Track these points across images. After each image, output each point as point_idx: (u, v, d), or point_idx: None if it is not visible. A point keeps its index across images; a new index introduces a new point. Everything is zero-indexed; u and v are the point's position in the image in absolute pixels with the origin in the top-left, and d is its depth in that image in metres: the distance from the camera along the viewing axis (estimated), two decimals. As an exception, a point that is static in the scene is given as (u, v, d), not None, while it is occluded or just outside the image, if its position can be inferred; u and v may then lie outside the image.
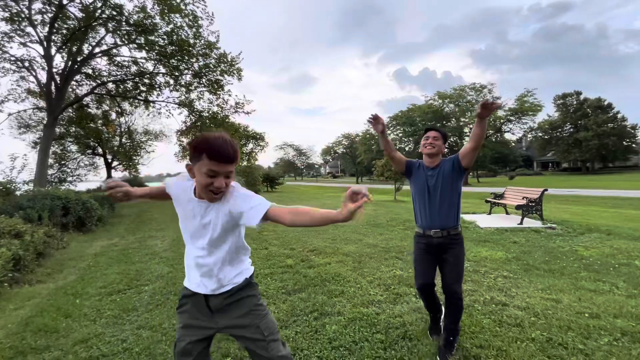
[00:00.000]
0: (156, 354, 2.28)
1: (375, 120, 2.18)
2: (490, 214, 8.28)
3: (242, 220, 1.29)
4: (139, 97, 16.68)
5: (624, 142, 40.84)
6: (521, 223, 6.59)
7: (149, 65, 15.14)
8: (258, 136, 30.61)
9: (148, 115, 21.77)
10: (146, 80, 15.81)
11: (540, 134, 45.04)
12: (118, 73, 15.15)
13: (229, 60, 15.77)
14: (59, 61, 13.74)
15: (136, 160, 25.34)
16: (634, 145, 42.14)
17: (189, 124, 17.21)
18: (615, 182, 24.70)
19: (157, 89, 15.99)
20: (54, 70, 12.76)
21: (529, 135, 44.72)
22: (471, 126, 34.25)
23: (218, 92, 16.51)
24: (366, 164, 47.70)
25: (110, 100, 18.20)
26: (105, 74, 15.06)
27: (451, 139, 35.66)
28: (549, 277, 3.60)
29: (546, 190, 7.07)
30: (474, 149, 2.07)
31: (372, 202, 2.71)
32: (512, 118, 32.21)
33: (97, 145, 23.34)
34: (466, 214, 8.53)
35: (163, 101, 16.57)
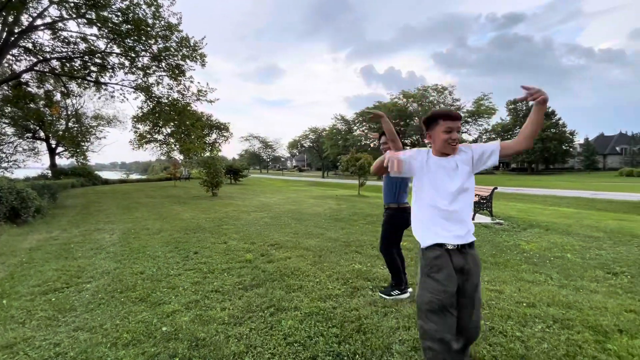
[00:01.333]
0: (94, 358, 2.10)
1: (375, 117, 2.44)
2: (446, 209, 8.72)
3: (481, 162, 1.68)
4: (88, 78, 15.28)
5: (564, 147, 45.09)
6: (473, 218, 7.01)
7: (101, 44, 13.91)
8: (222, 126, 29.55)
9: (99, 98, 20.10)
10: (97, 60, 14.51)
11: (493, 136, 48.23)
12: (64, 50, 13.72)
13: (192, 44, 14.94)
14: (-10, 31, 12.14)
15: (85, 147, 23.36)
16: (571, 150, 46.73)
17: (146, 110, 16.13)
18: (555, 182, 27.23)
19: (110, 71, 14.76)
20: (-15, 41, 11.26)
21: (484, 137, 47.73)
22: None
23: (179, 78, 15.62)
24: (332, 159, 48.18)
25: (54, 80, 16.50)
26: (48, 49, 13.57)
27: (413, 137, 37.11)
28: (495, 269, 3.85)
29: (496, 188, 7.57)
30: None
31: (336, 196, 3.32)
32: (469, 120, 34.13)
33: (38, 128, 21.16)
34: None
35: (117, 84, 15.35)
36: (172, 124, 17.25)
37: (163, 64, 15.01)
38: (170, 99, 15.94)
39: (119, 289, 3.29)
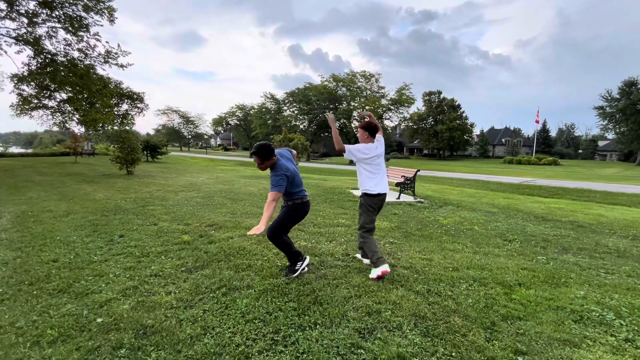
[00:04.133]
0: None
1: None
2: (374, 190, 9.39)
3: None
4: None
5: (465, 136, 52.29)
6: (399, 198, 7.73)
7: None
8: (135, 96, 26.04)
9: (-39, 46, 15.60)
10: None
11: (411, 124, 53.12)
12: None
13: (97, -6, 12.59)
14: None
15: (-61, 109, 18.09)
16: (470, 139, 54.51)
17: (34, 67, 13.19)
18: (458, 167, 31.57)
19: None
20: None
21: (402, 124, 52.21)
22: (359, 110, 37.65)
23: (79, 33, 13.09)
24: (261, 138, 47.00)
25: None
26: None
27: (340, 120, 38.44)
28: (423, 241, 4.36)
29: (419, 170, 8.44)
30: None
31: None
32: (392, 107, 36.75)
33: None
34: (355, 189, 9.45)
35: (-11, 30, 12.12)
36: (69, 88, 14.49)
37: (57, 13, 12.36)
38: (69, 57, 13.31)
39: (26, 280, 2.75)
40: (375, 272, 2.93)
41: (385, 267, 2.91)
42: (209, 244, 3.89)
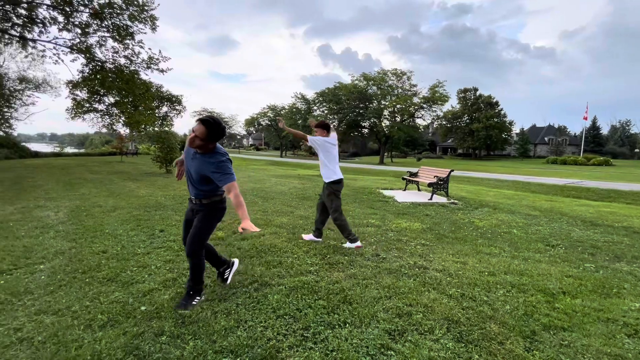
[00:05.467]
0: (67, 341, 1.94)
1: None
2: (405, 190, 9.20)
3: None
4: (11, 32, 13.07)
5: (503, 135, 49.59)
6: (431, 199, 7.51)
7: (27, -8, 11.86)
8: (174, 99, 27.50)
9: (26, 57, 17.37)
10: (22, 11, 12.43)
11: (444, 122, 51.30)
12: (-23, -5, 11.49)
13: (140, 3, 13.44)
14: None
15: (8, 114, 20.27)
16: (509, 138, 51.60)
17: (86, 74, 14.34)
18: (495, 167, 30.01)
19: (40, 25, 12.75)
20: None
21: (436, 123, 50.57)
22: (390, 109, 36.91)
23: (126, 41, 14.03)
24: (291, 139, 47.68)
25: (-36, 31, 13.82)
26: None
27: (371, 119, 37.96)
28: (456, 244, 4.21)
29: (452, 171, 8.15)
30: None
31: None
32: (424, 105, 35.69)
33: (-56, 88, 17.85)
34: (385, 189, 9.31)
35: (49, 42, 13.35)
36: (116, 92, 15.61)
37: (106, 23, 13.34)
38: (116, 64, 14.33)
39: (80, 269, 3.02)
40: (353, 244, 3.80)
41: (359, 243, 3.83)
42: (241, 240, 4.02)
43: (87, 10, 12.75)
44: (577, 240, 4.56)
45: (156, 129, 20.12)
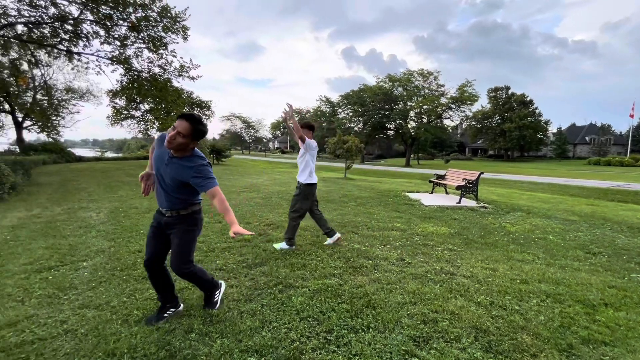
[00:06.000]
0: (107, 334, 2.07)
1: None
2: (432, 193, 8.97)
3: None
4: (59, 47, 14.20)
5: (538, 135, 46.96)
6: (459, 202, 7.27)
7: (73, 10, 12.86)
8: (204, 104, 28.58)
9: (72, 69, 18.77)
10: (69, 27, 13.45)
11: (474, 123, 49.46)
12: (31, 14, 12.59)
13: (173, 15, 14.13)
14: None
15: (56, 122, 22.00)
16: (545, 138, 48.76)
17: (124, 83, 15.27)
18: (529, 169, 28.48)
19: (84, 39, 13.75)
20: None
21: (464, 123, 48.87)
22: (417, 110, 36.13)
23: (160, 52, 14.81)
24: (317, 141, 47.90)
25: (20, 47, 15.21)
26: (13, 13, 12.41)
27: (396, 121, 37.38)
28: (486, 249, 4.05)
29: (482, 173, 7.85)
30: None
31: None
32: (452, 106, 34.66)
33: (2, 100, 19.65)
34: (411, 192, 9.12)
35: (92, 54, 14.35)
36: (150, 100, 16.52)
37: (143, 35, 14.15)
38: (150, 73, 15.16)
39: (118, 267, 3.22)
40: (284, 246, 3.84)
41: (294, 247, 3.88)
42: (267, 242, 4.11)
43: (126, 23, 13.58)
44: (623, 248, 4.23)
45: (187, 133, 20.99)
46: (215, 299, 2.45)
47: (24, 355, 1.87)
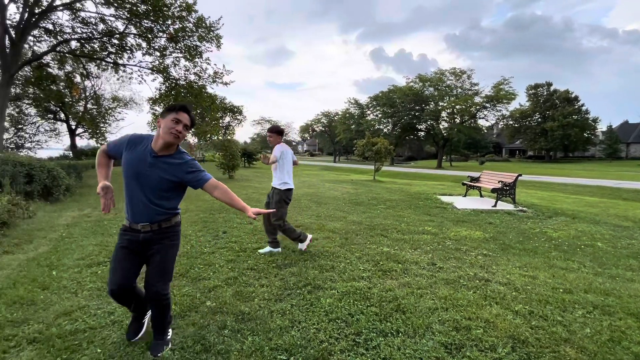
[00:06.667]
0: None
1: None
2: (465, 196, 8.63)
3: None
4: (107, 59, 15.38)
5: (585, 134, 43.52)
6: (495, 205, 6.93)
7: (119, 25, 13.90)
8: (236, 109, 29.57)
9: (118, 79, 20.25)
10: (115, 41, 14.55)
11: (511, 122, 46.91)
12: (83, 30, 13.78)
13: (208, 25, 14.81)
14: (13, 12, 12.33)
15: (103, 128, 23.80)
16: (592, 138, 45.07)
17: (163, 91, 16.22)
18: (574, 170, 26.49)
19: (128, 52, 14.80)
20: (7, 22, 11.41)
21: (501, 123, 46.48)
22: (449, 110, 34.92)
23: (195, 60, 15.57)
24: (344, 144, 47.84)
25: (74, 61, 16.67)
26: (68, 30, 13.65)
27: (427, 122, 36.37)
28: (524, 255, 3.83)
29: (520, 175, 7.43)
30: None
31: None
32: (487, 105, 33.14)
33: (58, 109, 21.60)
34: (443, 195, 8.84)
35: (135, 65, 15.40)
36: (187, 106, 17.42)
37: (180, 45, 14.96)
38: (187, 80, 15.97)
39: (158, 264, 3.42)
40: (304, 244, 3.84)
41: (308, 240, 3.88)
42: (296, 244, 4.17)
43: (165, 35, 14.45)
44: (685, 257, 3.82)
45: (220, 137, 21.90)
46: (169, 337, 2.05)
47: (77, 342, 2.05)
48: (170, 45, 14.94)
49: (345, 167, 31.83)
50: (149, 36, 14.13)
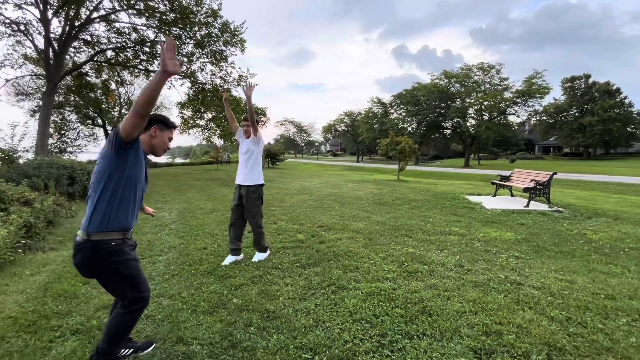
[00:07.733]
0: (179, 321, 2.31)
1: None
2: (495, 195, 8.28)
3: None
4: (139, 67, 16.19)
5: (629, 129, 40.43)
6: (528, 205, 6.60)
7: (150, 33, 14.60)
8: (260, 111, 30.10)
9: (148, 85, 21.23)
10: (146, 49, 15.28)
11: (545, 118, 44.49)
12: (118, 40, 14.60)
13: (232, 30, 15.20)
14: (56, 25, 13.24)
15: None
16: (637, 132, 41.75)
17: (191, 95, 16.85)
18: (617, 168, 24.70)
19: (158, 58, 15.49)
20: (51, 35, 12.29)
21: (533, 119, 44.18)
22: (476, 107, 33.70)
23: (221, 64, 16.03)
24: (367, 143, 47.39)
25: (109, 69, 17.69)
26: (104, 41, 14.52)
27: (454, 119, 35.25)
28: (561, 258, 3.63)
29: (555, 173, 7.03)
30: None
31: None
32: (518, 100, 31.65)
33: (96, 115, 22.97)
34: (471, 194, 8.54)
35: (164, 71, 16.11)
36: (212, 109, 17.94)
37: (207, 50, 15.46)
38: (213, 84, 16.47)
39: (187, 262, 3.55)
40: (264, 255, 3.63)
41: (268, 252, 3.71)
42: (319, 243, 4.19)
43: (192, 41, 15.00)
44: None
45: (245, 139, 22.37)
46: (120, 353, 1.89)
47: (115, 334, 2.17)
48: (197, 50, 15.48)
49: (368, 167, 31.53)
50: (177, 43, 14.72)
